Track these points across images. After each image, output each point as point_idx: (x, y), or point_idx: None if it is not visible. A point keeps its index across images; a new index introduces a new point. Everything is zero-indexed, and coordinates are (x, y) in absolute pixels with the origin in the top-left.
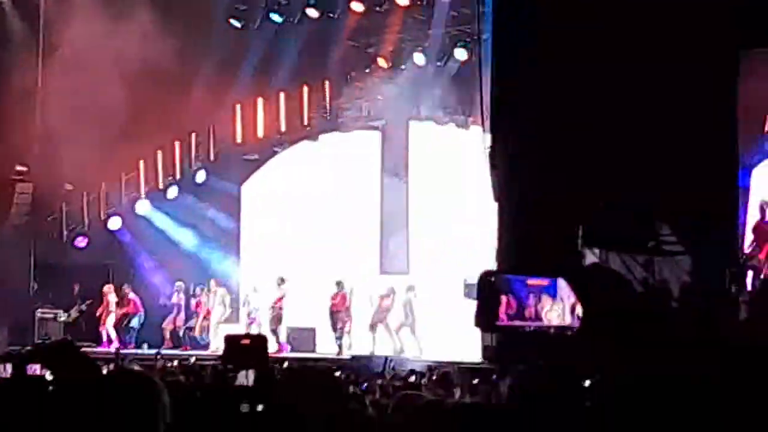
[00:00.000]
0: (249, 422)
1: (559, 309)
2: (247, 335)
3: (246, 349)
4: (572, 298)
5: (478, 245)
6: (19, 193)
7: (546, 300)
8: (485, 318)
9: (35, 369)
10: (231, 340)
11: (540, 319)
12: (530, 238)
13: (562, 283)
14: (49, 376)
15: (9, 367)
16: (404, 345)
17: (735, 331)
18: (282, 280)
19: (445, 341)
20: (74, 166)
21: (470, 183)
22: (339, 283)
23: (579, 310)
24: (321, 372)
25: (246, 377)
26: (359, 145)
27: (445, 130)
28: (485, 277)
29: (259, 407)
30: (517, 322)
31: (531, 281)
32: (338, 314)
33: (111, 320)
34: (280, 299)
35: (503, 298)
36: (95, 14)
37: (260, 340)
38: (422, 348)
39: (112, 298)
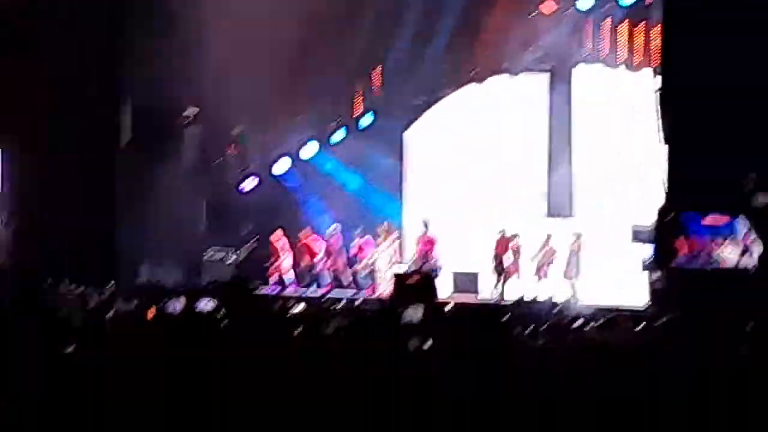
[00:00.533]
0: (416, 359)
1: (735, 249)
2: (415, 272)
3: (413, 287)
4: (750, 238)
5: (646, 190)
6: (189, 135)
7: (721, 240)
8: (660, 259)
9: (205, 305)
10: (399, 279)
11: (714, 259)
12: (703, 179)
13: (741, 221)
14: (218, 313)
15: (181, 301)
16: (570, 290)
17: None
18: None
19: (613, 286)
20: (242, 108)
21: (639, 124)
22: (501, 230)
23: (758, 250)
24: (489, 312)
25: (413, 315)
26: (526, 88)
27: (614, 72)
28: (661, 215)
29: (427, 344)
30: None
31: (707, 220)
32: (500, 259)
33: (286, 264)
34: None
35: (679, 239)
36: None
37: (427, 279)
38: (589, 294)
39: (280, 244)
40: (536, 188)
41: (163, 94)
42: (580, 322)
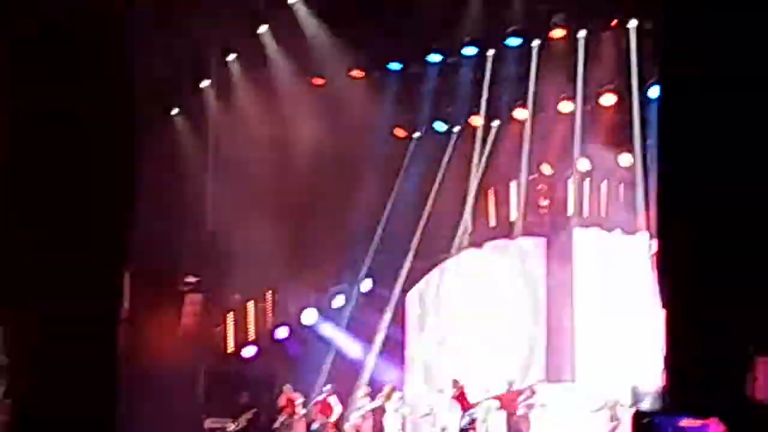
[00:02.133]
0: None
1: None
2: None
3: None
4: None
5: (647, 354)
6: (188, 304)
7: None
8: None
9: None
10: None
11: None
12: (696, 357)
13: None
14: None
15: None
16: None
17: None
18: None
19: None
20: (241, 275)
21: (637, 289)
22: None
23: None
24: None
25: None
26: (523, 252)
27: (610, 235)
28: (638, 418)
29: None
30: None
31: (683, 422)
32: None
33: (301, 425)
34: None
35: None
36: (262, 123)
37: None
38: None
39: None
40: (537, 351)
41: (162, 259)
42: None
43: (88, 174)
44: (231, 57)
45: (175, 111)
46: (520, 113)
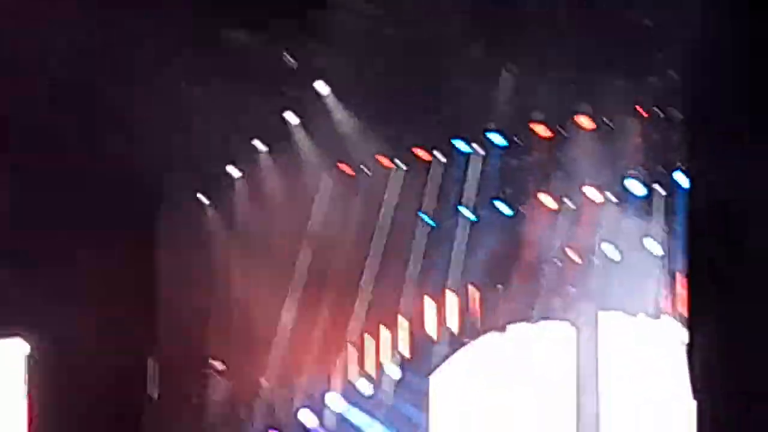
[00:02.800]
0: None
1: None
2: None
3: None
4: None
5: None
6: (215, 387)
7: None
8: None
9: None
10: None
11: None
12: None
13: None
14: None
15: None
16: None
17: None
18: None
19: None
20: (265, 360)
21: (666, 377)
22: None
23: None
24: None
25: None
26: (549, 338)
27: (635, 321)
28: None
29: None
30: None
31: None
32: None
33: None
34: None
35: None
36: (291, 212)
37: None
38: None
39: None
40: None
41: (188, 344)
42: None
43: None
44: (259, 144)
45: (200, 195)
46: (546, 198)
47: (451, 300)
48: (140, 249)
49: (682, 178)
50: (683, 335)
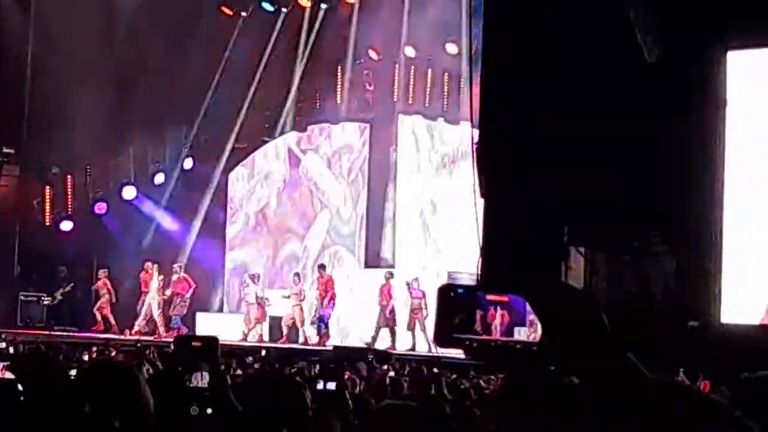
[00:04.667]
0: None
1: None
2: (199, 337)
3: (197, 351)
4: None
5: (466, 241)
6: (4, 175)
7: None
8: (440, 332)
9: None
10: (181, 341)
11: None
12: (510, 241)
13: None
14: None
15: None
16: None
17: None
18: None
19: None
20: (61, 150)
21: (460, 179)
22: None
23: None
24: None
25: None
26: (346, 138)
27: (434, 125)
28: (443, 291)
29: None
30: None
31: (492, 297)
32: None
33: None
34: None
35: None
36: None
37: (212, 341)
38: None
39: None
40: (358, 237)
41: None
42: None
43: None
44: None
45: None
46: None
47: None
48: None
49: None
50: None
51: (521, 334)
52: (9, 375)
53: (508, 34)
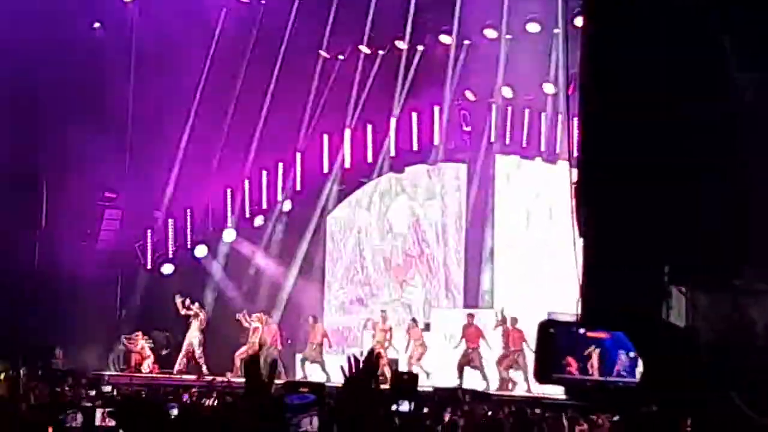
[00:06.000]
0: None
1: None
2: (306, 383)
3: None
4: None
5: (565, 281)
6: (108, 219)
7: (602, 353)
8: (540, 369)
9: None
10: (289, 387)
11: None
12: (610, 279)
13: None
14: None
15: (79, 416)
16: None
17: None
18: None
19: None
20: (162, 193)
21: (559, 218)
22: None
23: (640, 365)
24: None
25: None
26: (444, 178)
27: (532, 164)
28: (543, 327)
29: None
30: (577, 376)
31: (591, 334)
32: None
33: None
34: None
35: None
36: (183, 41)
37: (319, 387)
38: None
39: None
40: (456, 278)
41: (82, 173)
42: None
43: None
44: None
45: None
46: (445, 38)
47: (351, 136)
48: None
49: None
50: (573, 175)
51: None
52: (111, 422)
53: (607, 71)
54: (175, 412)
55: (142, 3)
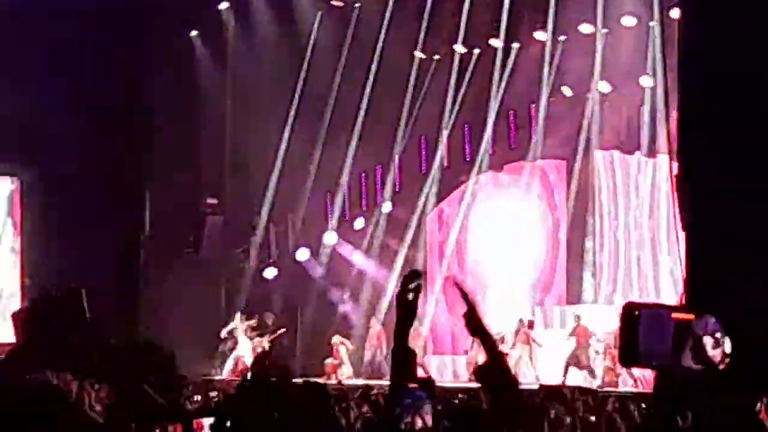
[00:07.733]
0: None
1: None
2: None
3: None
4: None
5: (667, 275)
6: (210, 226)
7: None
8: (624, 352)
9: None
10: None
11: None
12: (716, 279)
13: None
14: None
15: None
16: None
17: None
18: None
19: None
20: (262, 197)
21: (660, 211)
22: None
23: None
24: None
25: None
26: (543, 175)
27: (631, 158)
28: (627, 309)
29: None
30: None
31: (676, 315)
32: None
33: (344, 371)
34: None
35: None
36: (278, 47)
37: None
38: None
39: (343, 349)
40: (558, 274)
41: (182, 181)
42: None
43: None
44: None
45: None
46: (541, 35)
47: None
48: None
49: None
50: (674, 168)
51: None
52: None
53: (705, 64)
54: None
55: (237, 9)
